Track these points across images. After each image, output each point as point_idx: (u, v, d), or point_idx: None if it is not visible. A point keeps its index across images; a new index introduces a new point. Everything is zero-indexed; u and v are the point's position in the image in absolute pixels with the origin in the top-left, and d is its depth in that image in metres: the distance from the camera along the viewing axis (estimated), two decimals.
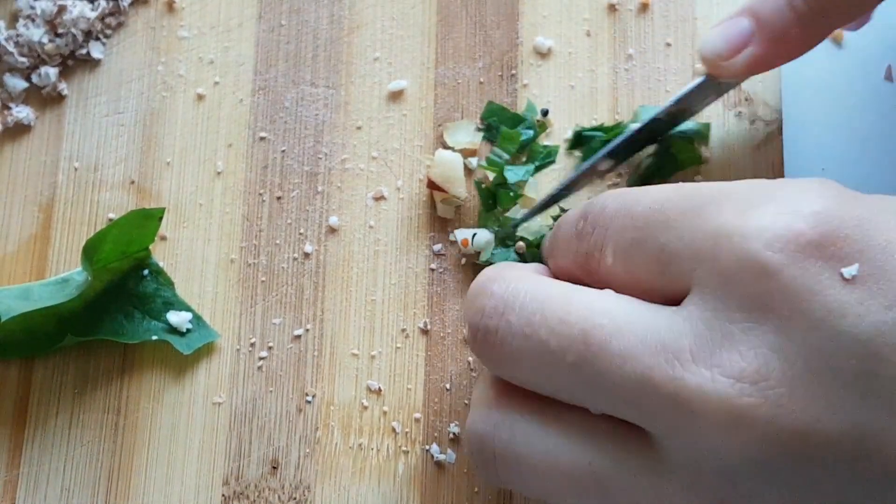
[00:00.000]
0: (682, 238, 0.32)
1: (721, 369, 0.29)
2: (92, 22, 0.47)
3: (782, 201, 0.31)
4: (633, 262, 0.33)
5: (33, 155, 0.47)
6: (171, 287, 0.44)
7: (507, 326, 0.34)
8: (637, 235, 0.33)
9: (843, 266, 0.29)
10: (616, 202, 0.35)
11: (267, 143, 0.46)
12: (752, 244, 0.30)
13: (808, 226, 0.29)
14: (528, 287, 0.34)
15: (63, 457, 0.43)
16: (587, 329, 0.32)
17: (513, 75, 0.46)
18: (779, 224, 0.30)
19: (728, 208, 0.31)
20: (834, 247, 0.29)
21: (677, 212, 0.32)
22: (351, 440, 0.43)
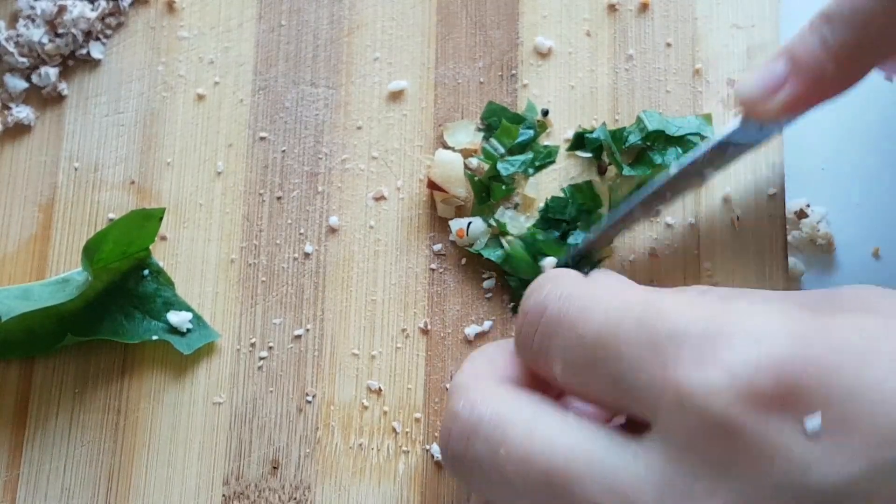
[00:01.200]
0: (639, 376, 0.31)
1: None
2: (92, 22, 0.47)
3: (740, 348, 0.29)
4: (583, 383, 0.33)
5: (33, 155, 0.47)
6: (171, 287, 0.44)
7: (474, 454, 0.33)
8: (588, 357, 0.32)
9: (806, 417, 0.28)
10: (558, 307, 0.34)
11: (267, 143, 0.46)
12: (714, 405, 0.29)
13: (768, 380, 0.29)
14: (491, 413, 0.33)
15: (63, 457, 0.43)
16: (549, 472, 0.31)
17: (513, 75, 0.46)
18: (739, 382, 0.29)
19: (686, 354, 0.30)
20: (796, 399, 0.28)
21: (631, 345, 0.31)
22: (351, 440, 0.43)
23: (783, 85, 0.39)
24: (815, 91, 0.39)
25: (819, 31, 0.38)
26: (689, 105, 0.46)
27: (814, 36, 0.38)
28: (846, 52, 0.38)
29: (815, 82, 0.39)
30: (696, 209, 0.44)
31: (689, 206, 0.44)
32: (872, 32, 0.37)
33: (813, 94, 0.39)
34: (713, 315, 0.31)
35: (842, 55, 0.38)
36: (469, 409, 0.34)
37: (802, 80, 0.39)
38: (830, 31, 0.38)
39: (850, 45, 0.38)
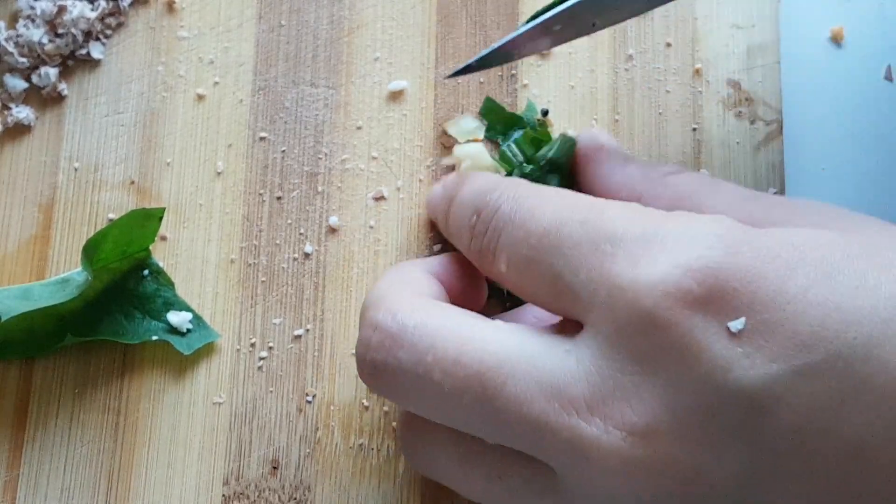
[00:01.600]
0: (577, 273, 0.32)
1: (613, 421, 0.30)
2: (92, 22, 0.47)
3: (674, 250, 0.31)
4: (526, 279, 0.34)
5: (33, 155, 0.47)
6: (171, 287, 0.44)
7: (397, 363, 0.33)
8: (531, 254, 0.34)
9: (731, 320, 0.30)
10: (510, 206, 0.35)
11: (267, 144, 0.46)
12: (644, 300, 0.30)
13: (697, 282, 0.30)
14: (417, 320, 0.34)
15: (63, 457, 0.43)
16: (482, 371, 0.32)
17: (513, 75, 0.46)
18: (669, 280, 0.30)
19: (622, 254, 0.31)
20: (722, 301, 0.30)
21: (572, 242, 0.33)
22: (351, 440, 0.43)
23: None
24: None
25: None
26: (689, 105, 0.46)
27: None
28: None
29: None
30: None
31: None
32: None
33: None
34: (653, 220, 0.32)
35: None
36: (390, 317, 0.34)
37: None
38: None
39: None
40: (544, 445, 0.31)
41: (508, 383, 0.31)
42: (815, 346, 0.29)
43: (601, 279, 0.31)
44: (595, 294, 0.31)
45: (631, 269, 0.31)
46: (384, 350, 0.34)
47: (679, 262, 0.30)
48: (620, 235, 0.32)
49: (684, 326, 0.30)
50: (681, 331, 0.30)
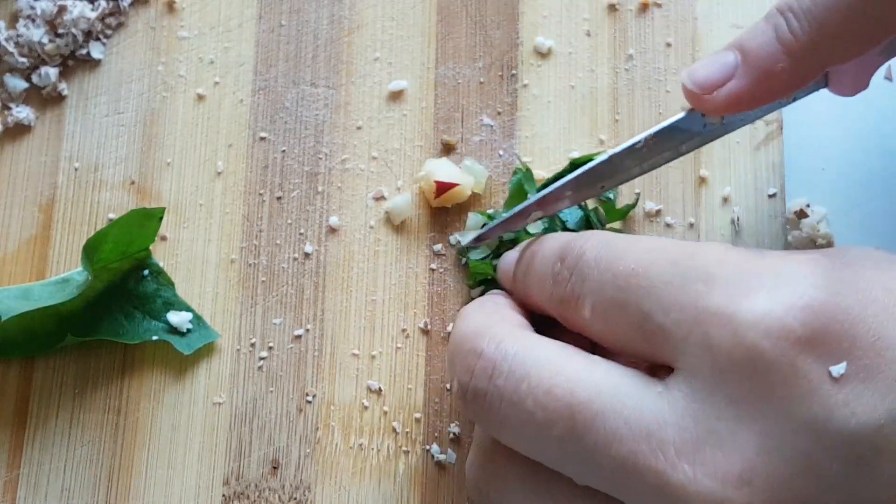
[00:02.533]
0: (668, 312, 0.31)
1: (705, 468, 0.29)
2: (92, 22, 0.47)
3: (773, 290, 0.30)
4: (613, 323, 0.33)
5: (33, 155, 0.47)
6: (171, 287, 0.44)
7: (496, 391, 0.33)
8: (618, 296, 0.33)
9: (832, 364, 0.29)
10: (596, 251, 0.34)
11: (267, 144, 0.46)
12: (745, 337, 0.29)
13: (799, 322, 0.29)
14: (517, 349, 0.33)
15: (63, 457, 0.43)
16: (573, 405, 0.31)
17: (513, 75, 0.46)
18: (771, 318, 0.29)
19: (718, 291, 0.30)
20: (824, 344, 0.29)
21: (663, 280, 0.31)
22: (351, 440, 0.43)
23: (730, 78, 0.37)
24: (764, 87, 0.37)
25: (774, 23, 0.36)
26: None
27: (768, 28, 0.36)
28: (800, 48, 0.36)
29: (765, 78, 0.36)
30: (696, 209, 0.44)
31: (689, 206, 0.44)
32: (830, 30, 0.35)
33: (761, 91, 0.37)
34: (746, 260, 0.31)
35: (795, 51, 0.36)
36: (494, 345, 0.34)
37: (751, 74, 0.36)
38: (786, 24, 0.36)
39: (805, 41, 0.36)
40: (630, 488, 0.30)
41: (598, 420, 0.31)
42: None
43: (696, 318, 0.30)
44: (689, 333, 0.30)
45: (729, 305, 0.30)
46: (485, 377, 0.33)
47: (782, 300, 0.29)
48: (714, 273, 0.31)
49: (787, 367, 0.29)
50: (784, 371, 0.29)
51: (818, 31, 0.35)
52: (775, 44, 0.36)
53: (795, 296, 0.29)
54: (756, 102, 0.37)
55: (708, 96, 0.37)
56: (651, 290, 0.32)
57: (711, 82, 0.37)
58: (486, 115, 0.46)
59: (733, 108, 0.37)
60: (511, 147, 0.46)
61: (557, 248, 0.36)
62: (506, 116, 0.46)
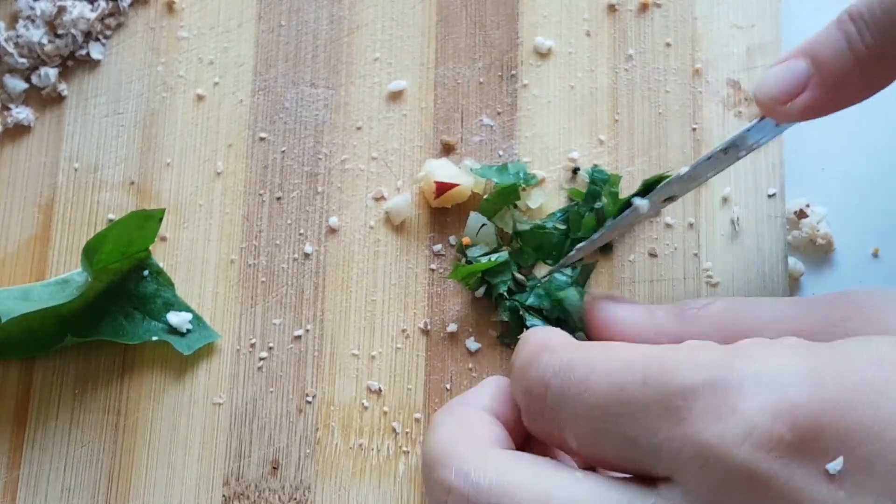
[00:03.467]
0: (654, 436, 0.30)
1: None
2: (92, 23, 0.47)
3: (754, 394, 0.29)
4: (598, 450, 0.32)
5: (33, 156, 0.47)
6: (171, 288, 0.44)
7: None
8: (598, 426, 0.31)
9: (828, 461, 0.28)
10: (559, 382, 0.33)
11: (267, 144, 0.46)
12: (737, 456, 0.28)
13: (787, 427, 0.28)
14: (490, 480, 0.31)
15: (63, 457, 0.43)
16: None
17: (513, 75, 0.46)
18: (758, 430, 0.28)
19: (698, 408, 0.29)
20: (816, 443, 0.28)
21: (640, 405, 0.30)
22: (351, 440, 0.43)
23: (804, 88, 0.36)
24: (838, 97, 0.37)
25: (846, 32, 0.35)
26: (689, 105, 0.46)
27: (840, 37, 0.36)
28: (874, 57, 0.35)
29: (839, 88, 0.36)
30: (696, 209, 0.44)
31: (689, 206, 0.44)
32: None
33: (835, 100, 0.37)
34: (720, 363, 0.30)
35: (869, 61, 0.35)
36: (462, 478, 0.32)
37: (825, 84, 0.36)
38: (859, 33, 0.35)
39: (880, 50, 0.35)
40: None
41: None
42: None
43: (683, 438, 0.29)
44: (680, 453, 0.29)
45: (714, 423, 0.29)
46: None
47: (764, 407, 0.28)
48: (690, 387, 0.29)
49: (783, 477, 0.28)
50: (780, 483, 0.28)
51: (890, 41, 0.35)
52: (848, 53, 0.35)
53: (778, 399, 0.28)
54: (827, 112, 0.37)
55: (782, 108, 0.37)
56: (630, 416, 0.30)
57: (785, 94, 0.37)
58: (486, 115, 0.46)
59: (808, 118, 0.37)
60: (511, 147, 0.46)
61: (519, 377, 0.35)
62: (506, 116, 0.46)
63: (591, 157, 0.45)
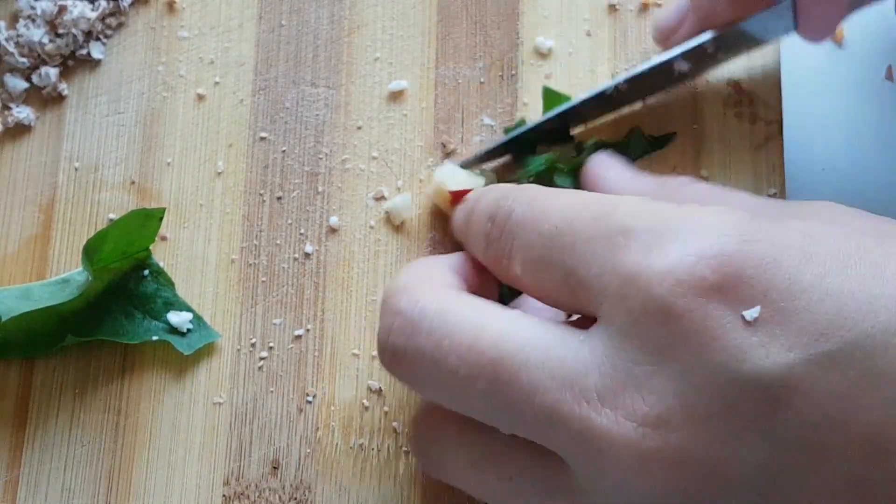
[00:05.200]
0: (590, 267, 0.32)
1: (625, 412, 0.30)
2: (92, 22, 0.47)
3: (686, 239, 0.30)
4: (540, 279, 0.34)
5: (33, 155, 0.47)
6: (171, 287, 0.44)
7: (416, 349, 0.33)
8: (544, 254, 0.33)
9: (746, 308, 0.29)
10: (522, 209, 0.35)
11: (267, 144, 0.46)
12: (656, 289, 0.30)
13: (711, 269, 0.29)
14: (438, 307, 0.34)
15: (63, 457, 0.43)
16: (496, 359, 0.32)
17: (513, 75, 0.46)
18: (682, 268, 0.30)
19: (635, 245, 0.31)
20: (736, 289, 0.29)
21: (585, 237, 0.32)
22: (352, 440, 0.43)
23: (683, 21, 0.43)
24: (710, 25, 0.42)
25: None
26: (689, 105, 0.46)
27: None
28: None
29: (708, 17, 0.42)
30: None
31: None
32: None
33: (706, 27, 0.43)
34: (666, 212, 0.32)
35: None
36: (412, 303, 0.34)
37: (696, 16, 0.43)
38: None
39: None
40: (556, 436, 0.31)
41: (522, 371, 0.31)
42: (832, 336, 0.29)
43: (613, 270, 0.31)
44: (608, 285, 0.31)
45: (643, 258, 0.30)
46: (404, 335, 0.34)
47: (692, 250, 0.30)
48: (632, 227, 0.31)
49: (698, 314, 0.29)
50: (694, 319, 0.29)
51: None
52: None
53: (707, 244, 0.30)
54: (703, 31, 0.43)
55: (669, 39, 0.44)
56: (574, 247, 0.32)
57: (668, 27, 0.44)
58: (486, 115, 0.46)
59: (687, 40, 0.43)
60: None
61: (488, 206, 0.37)
62: (506, 116, 0.46)
63: None
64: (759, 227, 0.31)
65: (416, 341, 0.33)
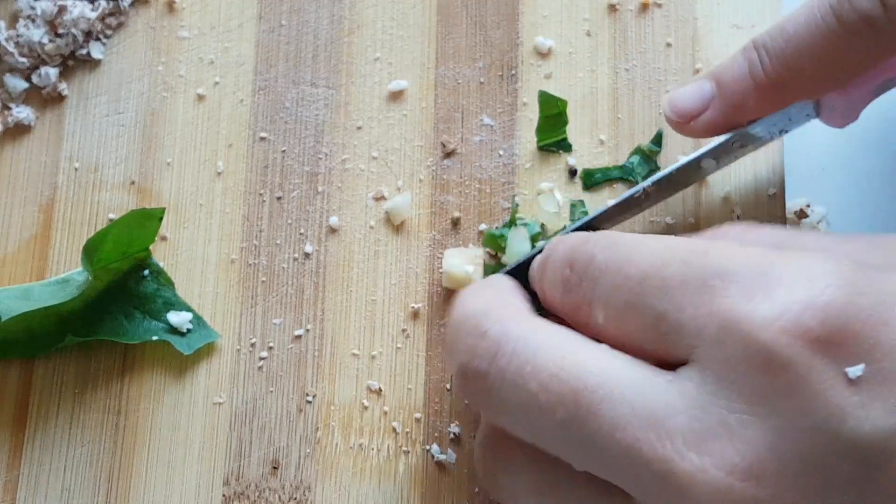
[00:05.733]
0: (683, 311, 0.31)
1: (713, 459, 0.29)
2: (92, 22, 0.47)
3: (792, 287, 0.29)
4: (625, 324, 0.33)
5: (33, 155, 0.47)
6: (171, 287, 0.44)
7: (498, 372, 0.32)
8: (631, 298, 0.32)
9: (850, 365, 0.28)
10: (605, 255, 0.34)
11: (267, 144, 0.46)
12: (761, 335, 0.29)
13: (817, 321, 0.28)
14: (522, 332, 0.33)
15: (63, 457, 0.43)
16: (578, 389, 0.31)
17: (513, 75, 0.46)
18: (788, 316, 0.29)
19: (735, 289, 0.30)
20: (842, 344, 0.28)
21: (677, 280, 0.31)
22: (351, 440, 0.43)
23: (706, 108, 0.40)
24: (735, 118, 0.40)
25: (749, 59, 0.39)
26: None
27: (743, 63, 0.39)
28: (771, 84, 0.38)
29: (736, 110, 0.40)
30: (696, 209, 0.44)
31: (689, 206, 0.44)
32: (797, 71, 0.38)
33: (733, 121, 0.40)
34: (764, 256, 0.31)
35: (767, 88, 0.38)
36: (499, 326, 0.33)
37: (724, 106, 0.40)
38: (760, 61, 0.38)
39: (775, 79, 0.38)
40: (634, 476, 0.30)
41: (604, 405, 0.30)
42: None
43: (711, 314, 0.30)
44: (704, 329, 0.30)
45: (746, 302, 0.29)
46: (488, 358, 0.33)
47: (799, 298, 0.29)
48: (731, 270, 0.30)
49: (802, 366, 0.28)
50: (798, 370, 0.28)
51: (787, 72, 0.38)
52: (748, 79, 0.39)
53: (814, 294, 0.29)
54: (727, 130, 0.40)
55: (687, 124, 0.41)
56: (665, 291, 0.31)
57: (689, 111, 0.40)
58: (486, 115, 0.46)
59: (709, 135, 0.41)
60: (511, 147, 0.46)
61: (566, 252, 0.35)
62: (506, 116, 0.46)
63: (592, 157, 0.45)
64: (868, 280, 0.30)
65: (500, 364, 0.32)
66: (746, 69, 0.39)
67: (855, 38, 0.37)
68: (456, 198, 0.45)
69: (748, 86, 0.39)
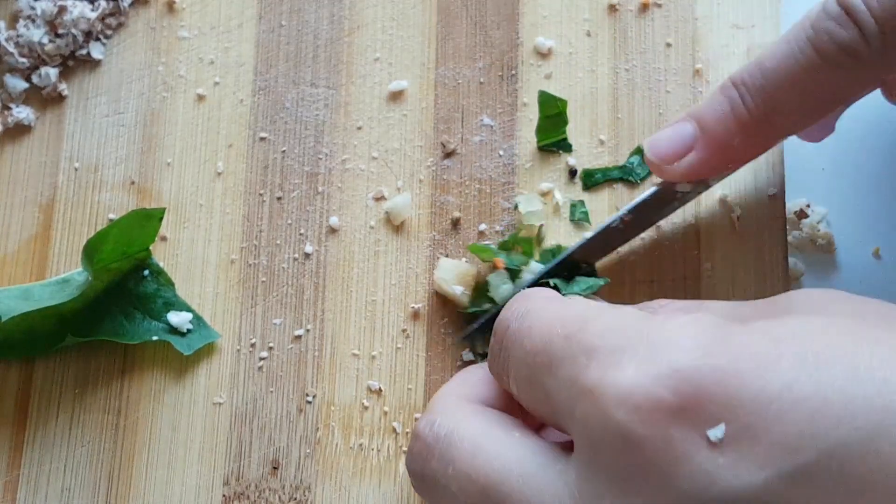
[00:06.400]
0: (562, 389, 0.31)
1: None
2: (92, 22, 0.47)
3: (644, 360, 0.29)
4: (529, 398, 0.33)
5: (34, 155, 0.47)
6: (171, 287, 0.44)
7: (431, 473, 0.34)
8: (529, 374, 0.33)
9: (710, 427, 0.27)
10: (515, 325, 0.34)
11: (267, 144, 0.46)
12: (616, 414, 0.28)
13: (670, 390, 0.28)
14: (448, 429, 0.34)
15: (63, 457, 0.43)
16: (486, 488, 0.32)
17: (513, 75, 0.46)
18: (640, 391, 0.28)
19: (594, 365, 0.30)
20: (699, 409, 0.28)
21: (558, 357, 0.31)
22: (351, 440, 0.43)
23: (691, 149, 0.39)
24: (721, 159, 0.39)
25: (729, 98, 0.38)
26: (689, 105, 0.46)
27: (723, 101, 0.38)
28: (753, 123, 0.37)
29: (721, 151, 0.38)
30: (696, 209, 0.44)
31: (689, 207, 0.44)
32: (780, 106, 0.37)
33: (718, 162, 0.39)
34: (627, 329, 0.30)
35: (750, 125, 0.38)
36: (428, 427, 0.34)
37: (708, 147, 0.38)
38: (741, 99, 0.38)
39: (759, 116, 0.37)
40: None
41: (508, 501, 0.31)
42: (805, 447, 0.26)
43: (577, 394, 0.30)
44: (574, 409, 0.30)
45: (601, 380, 0.29)
46: (421, 459, 0.34)
47: (650, 370, 0.28)
48: (596, 346, 0.30)
49: (659, 440, 0.28)
50: (656, 445, 0.28)
51: (770, 107, 0.37)
52: (731, 118, 0.38)
53: (664, 364, 0.28)
54: (713, 172, 0.40)
55: (668, 167, 0.39)
56: (550, 368, 0.31)
57: (672, 154, 0.39)
58: (486, 115, 0.46)
59: (692, 178, 0.40)
60: (511, 147, 0.46)
61: (500, 318, 0.36)
62: (506, 116, 0.46)
63: (592, 158, 0.45)
64: (721, 337, 0.29)
65: (431, 466, 0.34)
66: (728, 108, 0.38)
67: (836, 71, 0.36)
68: (456, 198, 0.45)
69: (732, 126, 0.38)
